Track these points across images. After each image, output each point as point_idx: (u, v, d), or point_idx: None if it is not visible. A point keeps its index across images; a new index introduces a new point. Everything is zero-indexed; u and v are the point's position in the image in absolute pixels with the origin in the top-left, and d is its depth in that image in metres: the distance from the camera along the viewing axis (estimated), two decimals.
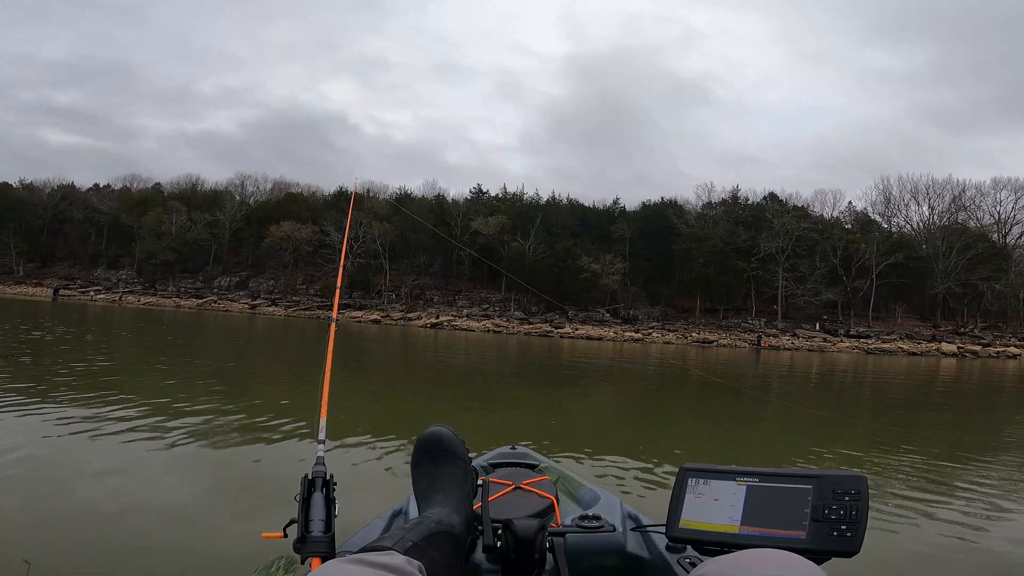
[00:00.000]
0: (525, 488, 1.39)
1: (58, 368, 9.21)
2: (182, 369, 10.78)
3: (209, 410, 6.59)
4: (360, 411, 7.22)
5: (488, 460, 1.74)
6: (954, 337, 43.99)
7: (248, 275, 57.43)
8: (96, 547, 2.92)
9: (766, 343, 41.05)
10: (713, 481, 1.11)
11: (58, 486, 3.78)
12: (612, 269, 48.07)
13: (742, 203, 53.68)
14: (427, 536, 1.06)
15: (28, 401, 6.31)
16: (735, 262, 47.22)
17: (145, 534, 3.12)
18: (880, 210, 53.96)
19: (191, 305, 50.72)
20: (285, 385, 10.08)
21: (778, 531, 1.02)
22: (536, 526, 1.16)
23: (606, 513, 1.37)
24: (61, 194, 62.98)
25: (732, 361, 25.04)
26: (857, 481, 1.02)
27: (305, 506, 1.12)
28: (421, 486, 1.25)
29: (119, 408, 6.28)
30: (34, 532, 3.02)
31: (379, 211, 53.22)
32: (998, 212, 50.70)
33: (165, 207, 57.99)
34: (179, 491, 3.92)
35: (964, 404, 13.55)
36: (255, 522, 3.25)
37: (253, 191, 63.73)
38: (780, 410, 10.51)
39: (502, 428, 7.01)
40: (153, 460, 4.55)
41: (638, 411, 9.91)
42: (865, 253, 46.45)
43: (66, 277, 58.57)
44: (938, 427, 9.55)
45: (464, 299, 51.90)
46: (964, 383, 19.62)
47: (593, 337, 40.80)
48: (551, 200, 57.81)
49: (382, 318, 47.06)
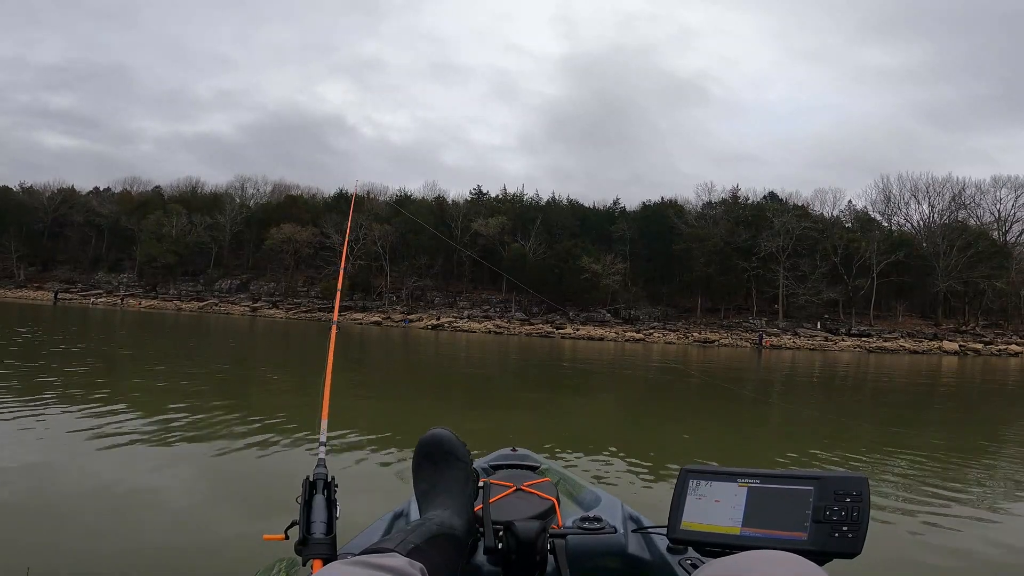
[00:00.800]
0: (526, 490, 1.39)
1: (59, 371, 9.21)
2: (183, 372, 10.78)
3: (210, 412, 6.59)
4: (361, 413, 7.22)
5: (489, 462, 1.73)
6: (955, 335, 43.97)
7: (249, 278, 57.47)
8: (96, 549, 2.92)
9: (768, 342, 41.03)
10: (714, 483, 1.11)
11: (58, 489, 3.78)
12: (613, 269, 48.06)
13: (742, 202, 53.68)
14: (429, 538, 1.06)
15: (29, 404, 6.31)
16: (736, 261, 47.20)
17: (146, 536, 3.12)
18: (880, 209, 54.11)
19: (192, 308, 50.77)
20: (286, 387, 10.09)
21: (779, 532, 1.02)
22: (537, 528, 1.16)
23: (607, 515, 1.37)
24: (61, 197, 63.05)
25: (734, 360, 25.02)
26: (858, 482, 1.02)
27: (307, 508, 1.12)
28: (422, 488, 1.25)
29: (120, 411, 6.28)
30: (35, 535, 3.02)
31: (379, 213, 53.24)
32: (998, 210, 50.84)
33: (165, 210, 58.05)
34: (180, 493, 3.92)
35: (967, 403, 13.54)
36: (256, 524, 3.25)
37: (253, 193, 63.90)
38: (781, 411, 10.51)
39: (503, 430, 7.02)
40: (154, 462, 4.55)
41: (638, 412, 9.91)
42: (866, 252, 46.43)
43: (67, 281, 58.62)
44: (940, 426, 9.54)
45: (465, 300, 51.93)
46: (966, 381, 19.61)
47: (594, 338, 40.80)
48: (551, 201, 57.86)
49: (383, 320, 47.10)
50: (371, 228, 51.60)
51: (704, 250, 48.00)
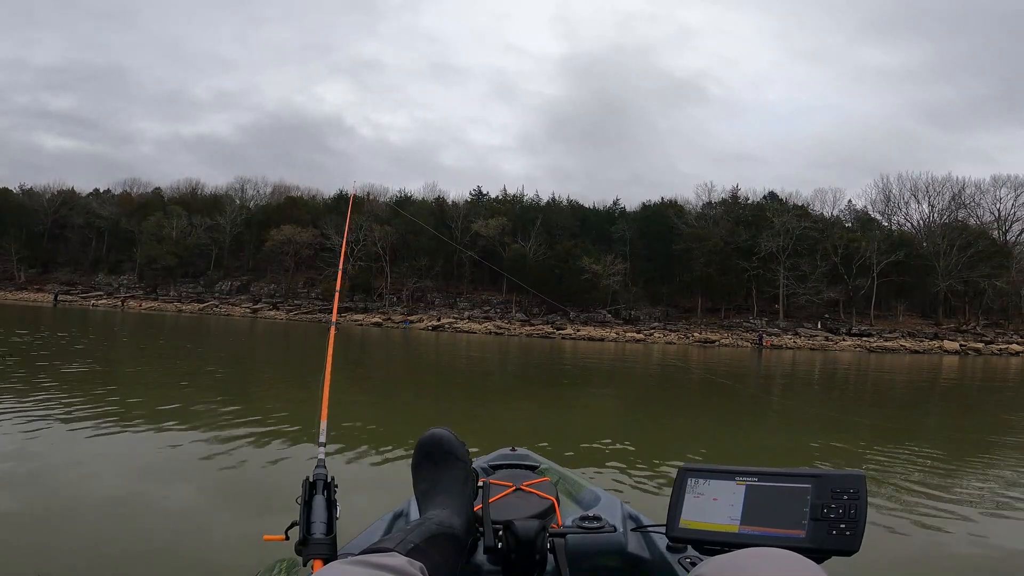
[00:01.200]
0: (526, 489, 1.39)
1: (60, 374, 9.22)
2: (184, 373, 10.78)
3: (210, 413, 6.60)
4: (361, 414, 7.22)
5: (488, 462, 1.74)
6: (956, 335, 43.94)
7: (249, 279, 57.48)
8: (98, 551, 2.92)
9: (768, 342, 41.00)
10: (712, 481, 1.12)
11: (59, 492, 3.78)
12: (613, 270, 48.05)
13: (742, 202, 53.68)
14: (428, 538, 1.07)
15: (29, 407, 6.31)
16: (736, 261, 47.17)
17: (146, 537, 3.13)
18: (880, 208, 54.06)
19: (193, 310, 50.76)
20: (286, 388, 10.09)
21: (777, 530, 1.02)
22: (537, 527, 1.16)
23: (606, 514, 1.37)
24: (61, 199, 63.11)
25: (734, 360, 25.02)
26: (856, 480, 1.02)
27: (307, 508, 1.13)
28: (422, 488, 1.26)
29: (121, 413, 6.29)
30: (37, 537, 3.03)
31: (380, 214, 53.22)
32: (998, 209, 50.80)
33: (165, 211, 58.03)
34: (181, 494, 3.92)
35: (967, 402, 13.53)
36: (257, 525, 3.25)
37: (253, 195, 63.89)
38: (781, 409, 10.51)
39: (502, 429, 7.02)
40: (155, 464, 4.56)
41: (638, 412, 9.91)
42: (866, 251, 46.42)
43: (67, 283, 58.62)
44: (940, 425, 9.54)
45: (465, 301, 51.93)
46: (967, 381, 19.60)
47: (595, 338, 40.80)
48: (551, 201, 57.85)
49: (383, 321, 47.09)
50: (371, 229, 51.58)
51: (704, 250, 47.99)
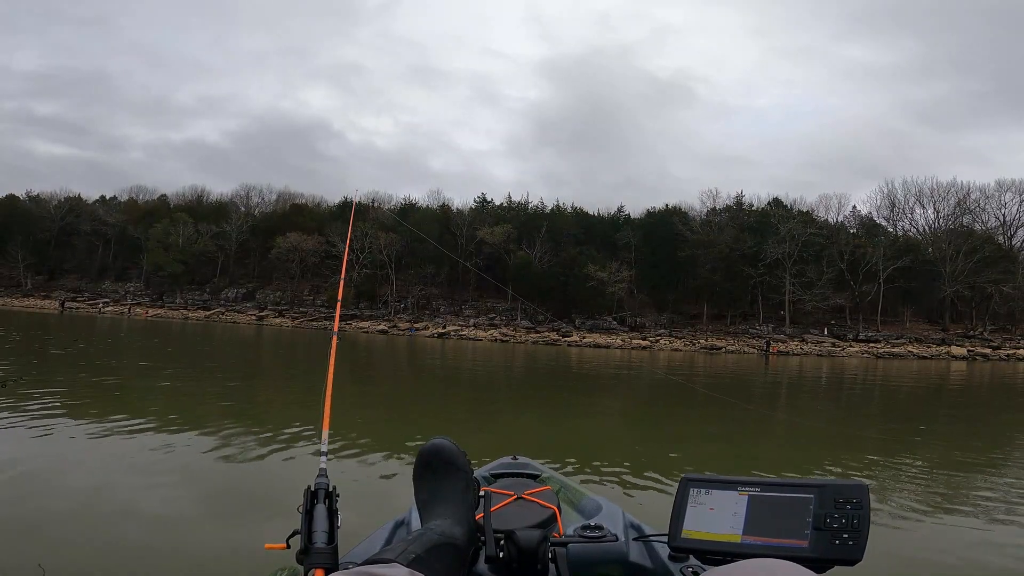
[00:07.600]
0: (527, 498, 1.39)
1: (65, 377, 9.25)
2: (187, 380, 10.81)
3: (213, 421, 6.61)
4: (363, 423, 7.23)
5: (490, 471, 1.73)
6: (963, 340, 43.66)
7: (255, 286, 57.63)
8: (99, 557, 2.93)
9: (775, 348, 40.79)
10: (714, 491, 1.11)
11: (63, 495, 3.79)
12: (618, 277, 47.96)
13: (747, 209, 53.61)
14: (430, 547, 1.06)
15: (31, 411, 6.34)
16: (741, 268, 47.05)
17: (149, 544, 3.13)
18: (885, 214, 53.95)
19: (199, 317, 50.92)
20: (289, 397, 10.10)
21: (780, 540, 1.02)
22: (538, 536, 1.16)
23: (608, 523, 1.37)
24: (68, 206, 63.46)
25: (740, 367, 24.91)
26: (859, 490, 1.02)
27: (308, 517, 1.13)
28: (423, 497, 1.26)
29: (124, 420, 6.31)
30: (41, 542, 3.03)
31: (385, 221, 53.30)
32: (1003, 214, 50.56)
33: (171, 219, 58.29)
34: (183, 502, 3.93)
35: (974, 408, 13.43)
36: (258, 533, 3.25)
37: (258, 202, 64.16)
38: (786, 422, 10.45)
39: (503, 438, 7.01)
40: (157, 471, 4.56)
41: (640, 421, 9.88)
42: (872, 257, 46.24)
43: (74, 289, 58.93)
44: (948, 433, 9.47)
45: (471, 308, 51.91)
46: (975, 386, 19.46)
47: (600, 345, 40.70)
48: (555, 208, 57.94)
49: (389, 328, 47.11)
50: (377, 237, 51.67)
51: (709, 257, 47.88)
